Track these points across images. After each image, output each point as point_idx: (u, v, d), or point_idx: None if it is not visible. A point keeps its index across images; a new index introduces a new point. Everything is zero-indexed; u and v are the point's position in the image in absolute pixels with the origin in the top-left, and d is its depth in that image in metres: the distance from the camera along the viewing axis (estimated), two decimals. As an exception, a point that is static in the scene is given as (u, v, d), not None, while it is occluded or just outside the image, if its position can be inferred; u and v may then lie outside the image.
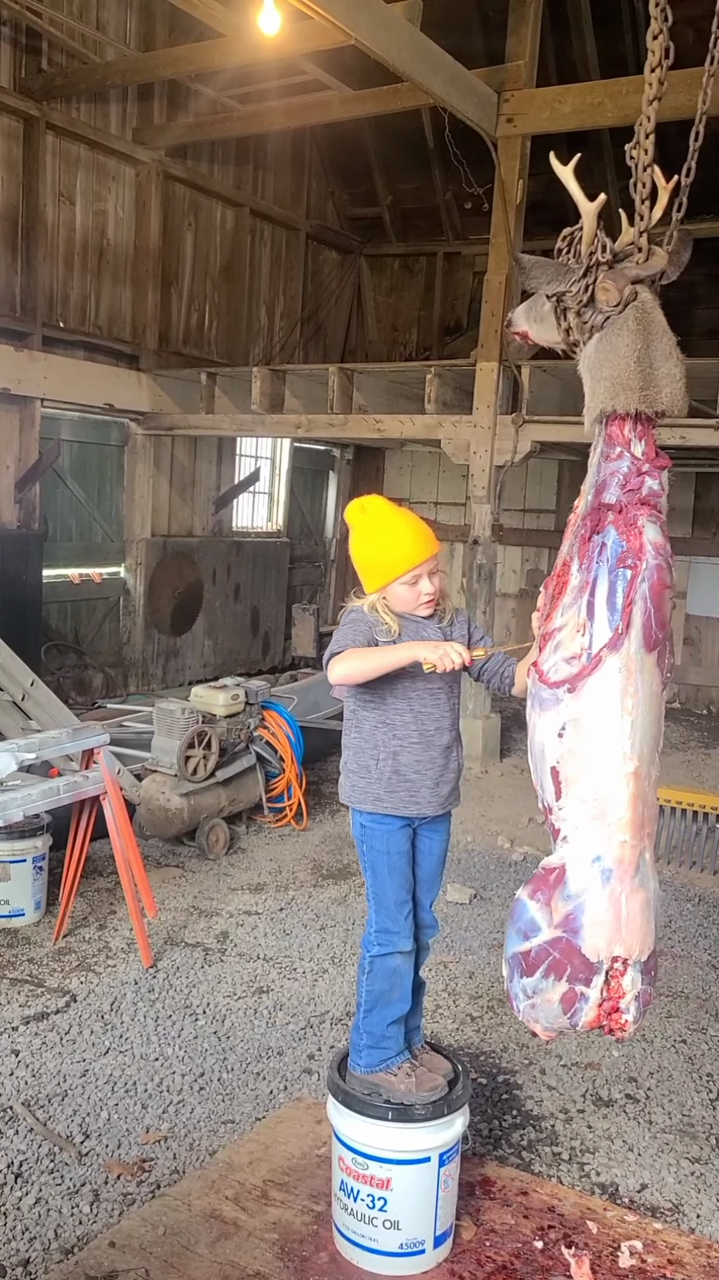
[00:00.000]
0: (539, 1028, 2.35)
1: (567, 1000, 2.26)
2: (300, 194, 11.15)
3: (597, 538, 2.27)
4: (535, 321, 2.52)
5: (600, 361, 2.27)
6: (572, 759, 2.27)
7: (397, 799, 2.62)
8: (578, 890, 2.25)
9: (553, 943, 2.26)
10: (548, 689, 2.30)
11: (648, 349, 2.23)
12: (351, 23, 5.70)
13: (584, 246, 2.29)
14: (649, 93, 2.23)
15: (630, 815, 2.24)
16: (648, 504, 2.27)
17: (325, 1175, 2.80)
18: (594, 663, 2.22)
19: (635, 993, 2.28)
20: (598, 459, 2.32)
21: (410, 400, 8.59)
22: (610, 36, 9.20)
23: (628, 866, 2.25)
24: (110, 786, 4.30)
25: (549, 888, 2.29)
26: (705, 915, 5.12)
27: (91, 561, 9.13)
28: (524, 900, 2.34)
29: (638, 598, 2.20)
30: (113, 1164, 3.02)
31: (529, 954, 2.29)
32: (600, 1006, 2.27)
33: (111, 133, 8.69)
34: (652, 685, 2.24)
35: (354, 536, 2.65)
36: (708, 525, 10.52)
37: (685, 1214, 2.96)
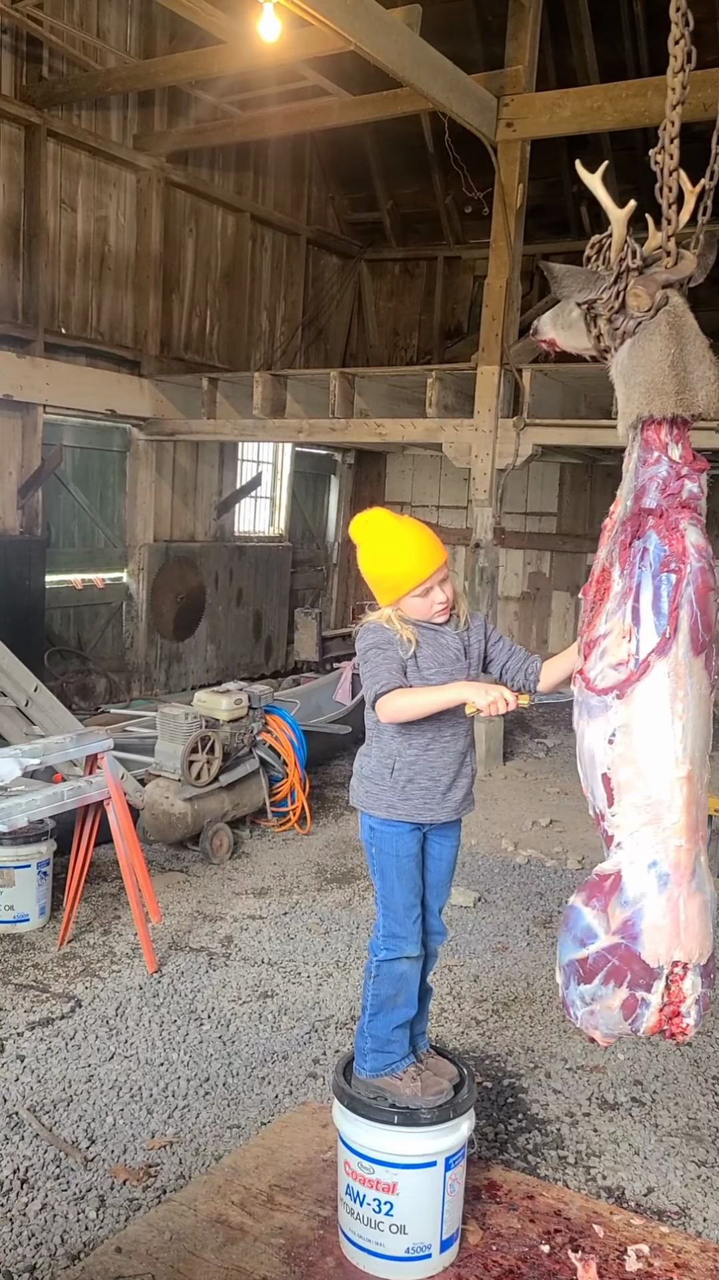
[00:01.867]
0: (599, 1034, 2.34)
1: (627, 1006, 2.25)
2: (301, 199, 11.18)
3: (638, 543, 2.26)
4: (563, 329, 2.52)
5: (634, 367, 2.28)
6: (623, 765, 2.27)
7: (410, 806, 2.63)
8: (635, 896, 2.25)
9: (611, 949, 2.26)
10: (596, 696, 2.30)
11: (681, 353, 2.23)
12: (351, 28, 5.71)
13: (614, 253, 2.29)
14: (673, 97, 2.24)
15: (685, 819, 2.24)
16: (689, 507, 2.27)
17: (331, 1180, 2.80)
18: (642, 668, 2.22)
19: (696, 996, 2.28)
20: (635, 464, 2.31)
21: (411, 404, 8.60)
22: (609, 41, 9.22)
23: (684, 870, 2.24)
24: (114, 791, 4.31)
25: (605, 894, 2.28)
26: (710, 918, 5.11)
27: (94, 567, 9.14)
28: (579, 907, 2.33)
29: (683, 601, 2.21)
30: (119, 1169, 3.02)
31: (587, 961, 2.28)
32: (661, 1011, 2.27)
33: (112, 139, 8.72)
34: (700, 688, 2.24)
35: (362, 553, 2.66)
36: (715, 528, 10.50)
37: (692, 1217, 2.95)
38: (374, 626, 2.63)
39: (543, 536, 11.33)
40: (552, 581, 11.43)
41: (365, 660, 2.60)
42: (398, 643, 2.59)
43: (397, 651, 2.58)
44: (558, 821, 6.58)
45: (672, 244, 2.26)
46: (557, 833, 6.41)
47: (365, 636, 2.63)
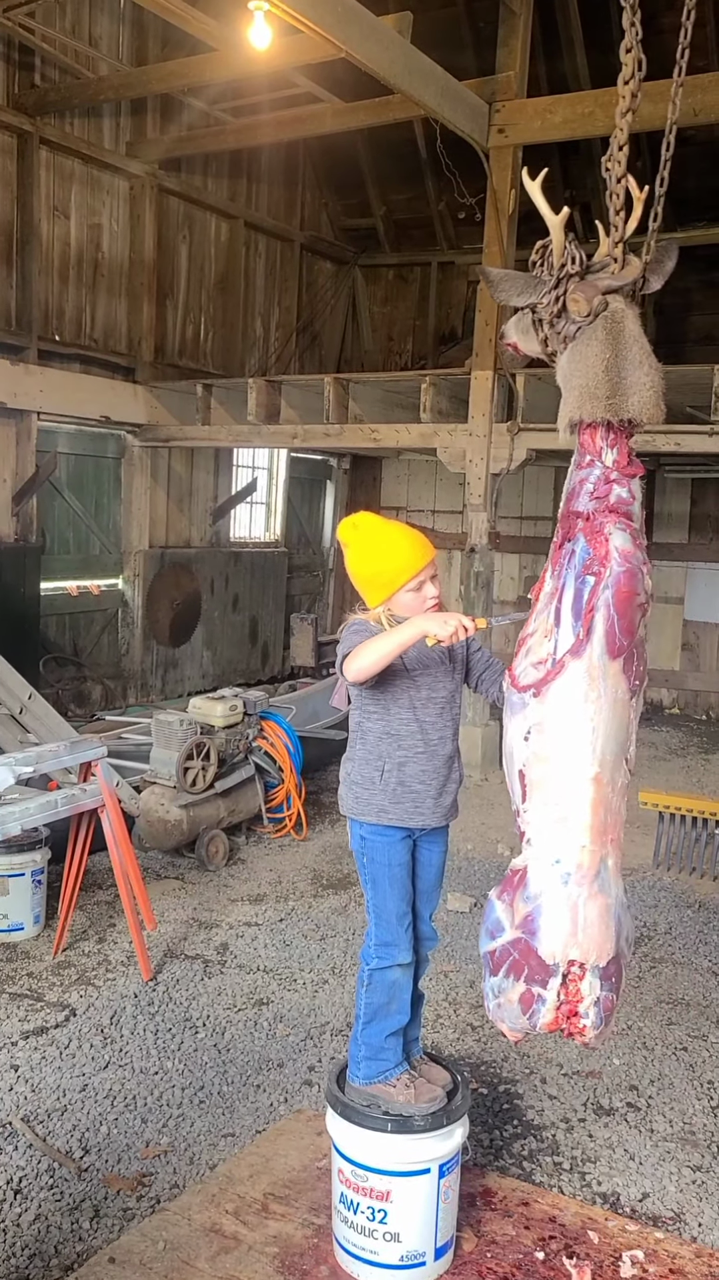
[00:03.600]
0: (505, 1027, 2.40)
1: (524, 1001, 2.29)
2: (294, 205, 11.19)
3: (568, 545, 2.30)
4: (522, 333, 2.55)
5: (571, 371, 2.31)
6: (536, 763, 2.30)
7: (401, 810, 2.62)
8: (537, 892, 2.28)
9: (513, 943, 2.30)
10: (517, 692, 2.34)
11: (617, 358, 2.25)
12: (342, 36, 5.73)
13: (555, 259, 2.32)
14: (622, 105, 2.26)
15: (592, 820, 2.26)
16: (616, 511, 2.29)
17: (326, 1188, 2.79)
18: (558, 668, 2.26)
19: (594, 998, 2.29)
20: (571, 467, 2.35)
21: (406, 409, 8.61)
22: (600, 48, 9.23)
23: (588, 871, 2.27)
24: (108, 799, 4.31)
25: (513, 889, 2.33)
26: (706, 922, 5.12)
27: (89, 574, 9.14)
28: (493, 900, 2.39)
29: (600, 604, 2.22)
30: (112, 1179, 3.02)
31: (494, 953, 2.34)
32: (558, 1009, 2.29)
33: (105, 147, 8.73)
34: (616, 692, 2.26)
35: (351, 554, 2.64)
36: (704, 531, 10.53)
37: (687, 1223, 2.95)
38: (359, 622, 2.63)
39: (538, 540, 11.32)
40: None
41: (343, 643, 2.59)
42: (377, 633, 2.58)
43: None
44: (554, 826, 6.58)
45: (618, 250, 2.27)
46: (553, 837, 6.40)
47: (352, 626, 2.63)
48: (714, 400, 6.69)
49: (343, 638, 2.63)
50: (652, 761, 8.45)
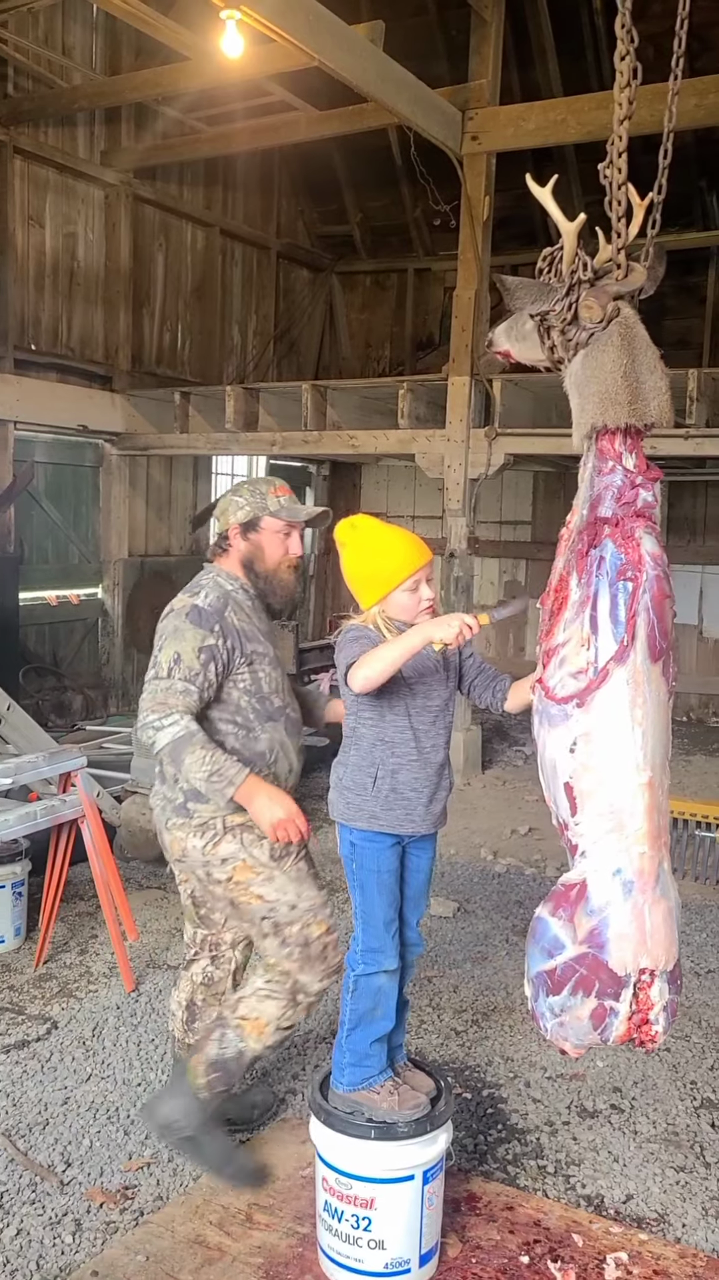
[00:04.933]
0: (569, 1045, 2.33)
1: (596, 1016, 2.25)
2: (270, 213, 11.21)
3: (594, 552, 2.28)
4: (517, 340, 2.55)
5: (588, 378, 2.30)
6: (585, 773, 2.27)
7: (393, 817, 2.62)
8: (601, 905, 2.25)
9: (579, 959, 2.25)
10: (556, 705, 2.30)
11: (633, 363, 2.26)
12: (314, 45, 5.74)
13: (565, 266, 2.32)
14: (619, 113, 2.27)
15: (648, 826, 2.24)
16: (643, 516, 2.29)
17: (310, 1196, 2.78)
18: (601, 676, 2.23)
19: (664, 1003, 2.28)
20: (590, 474, 2.33)
21: (384, 415, 8.63)
22: (572, 56, 9.31)
23: (649, 877, 2.25)
24: (88, 810, 4.29)
25: (571, 904, 2.28)
26: (688, 922, 5.14)
27: (68, 583, 9.11)
28: (545, 918, 2.33)
29: (640, 609, 2.22)
30: (95, 1192, 3.00)
31: (555, 972, 2.28)
32: (630, 1020, 2.27)
33: (79, 156, 8.72)
34: (659, 695, 2.25)
35: (348, 553, 2.64)
36: (682, 533, 10.60)
37: (671, 1223, 2.96)
38: (355, 627, 2.62)
39: (518, 545, 11.37)
40: (528, 589, 11.47)
41: (341, 650, 2.58)
42: (377, 641, 2.57)
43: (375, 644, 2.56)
44: (537, 829, 6.59)
45: (622, 256, 2.29)
46: (536, 840, 6.42)
47: (345, 635, 2.62)
48: (690, 404, 6.74)
49: (341, 646, 2.62)
50: (633, 763, 8.48)
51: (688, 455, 7.24)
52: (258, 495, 3.09)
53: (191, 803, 2.92)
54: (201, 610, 2.91)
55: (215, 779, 2.76)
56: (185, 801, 2.93)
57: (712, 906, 5.35)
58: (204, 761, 2.76)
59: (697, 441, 6.88)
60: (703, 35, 9.02)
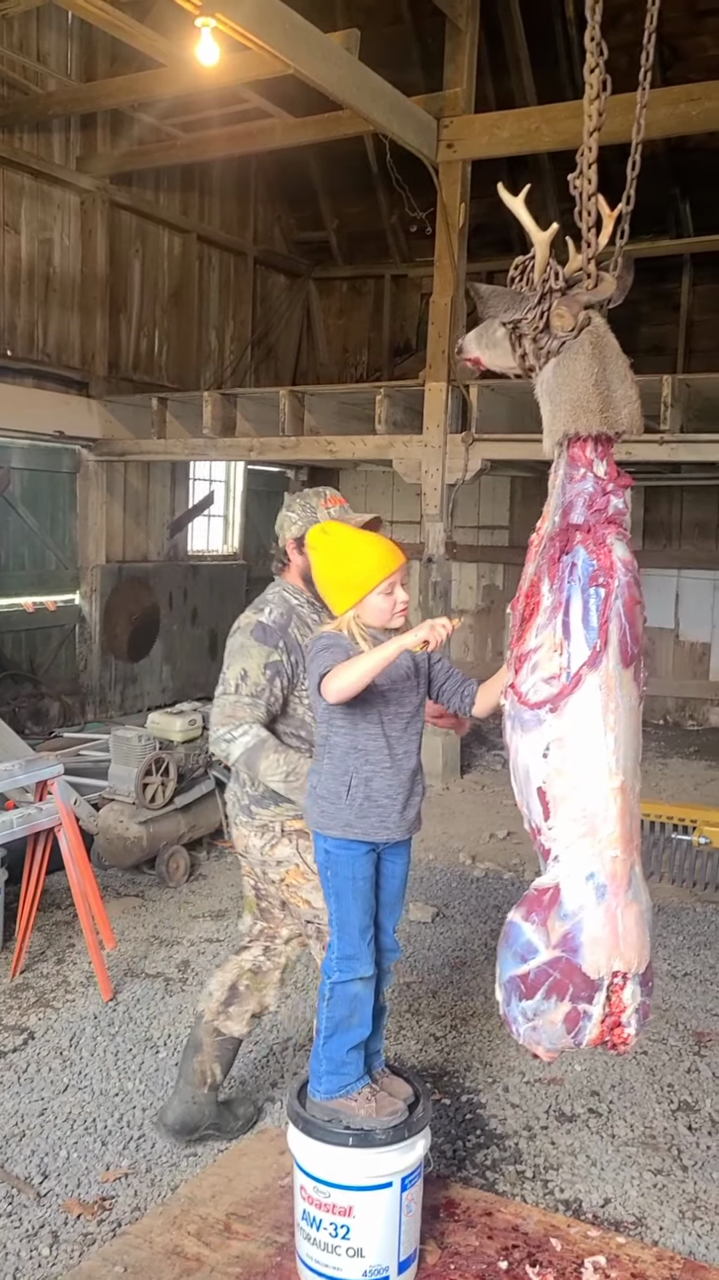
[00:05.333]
0: (541, 1049, 2.35)
1: (570, 1020, 2.27)
2: (247, 219, 11.22)
3: (566, 558, 2.30)
4: (488, 347, 2.57)
5: (559, 386, 2.32)
6: (558, 778, 2.29)
7: (367, 824, 2.62)
8: (574, 909, 2.27)
9: (552, 963, 2.27)
10: (529, 710, 2.32)
11: (604, 372, 2.29)
12: (290, 53, 5.76)
13: (538, 275, 2.34)
14: (589, 124, 2.30)
15: (620, 830, 2.27)
16: (614, 522, 2.32)
17: (288, 1206, 2.78)
18: (575, 681, 2.25)
19: (636, 1005, 2.31)
20: (561, 481, 2.36)
21: (362, 421, 8.64)
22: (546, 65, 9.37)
23: (621, 881, 2.28)
24: (65, 818, 4.27)
25: (544, 908, 2.30)
26: (664, 925, 5.17)
27: (46, 589, 9.06)
28: (518, 923, 2.34)
29: (613, 615, 2.25)
30: (72, 1204, 2.98)
31: (528, 976, 2.29)
32: (603, 1022, 2.29)
33: (55, 162, 8.70)
34: (630, 700, 2.28)
35: (320, 558, 2.63)
36: (658, 538, 10.67)
37: (648, 1226, 2.97)
38: (327, 635, 2.62)
39: (495, 549, 11.41)
40: (505, 594, 11.51)
41: (314, 658, 2.58)
42: (351, 649, 2.57)
43: (347, 654, 2.56)
44: (515, 833, 6.61)
45: (592, 266, 2.31)
46: (514, 845, 6.44)
47: (317, 643, 2.62)
48: (664, 409, 6.79)
49: (313, 654, 2.61)
50: (610, 767, 8.52)
51: (663, 460, 7.30)
52: (309, 509, 3.13)
53: (255, 806, 3.08)
54: (266, 627, 3.05)
55: (292, 778, 2.90)
56: (250, 804, 3.09)
57: (688, 909, 5.38)
58: (278, 764, 2.91)
59: (671, 447, 6.94)
60: (675, 45, 9.13)
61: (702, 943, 4.97)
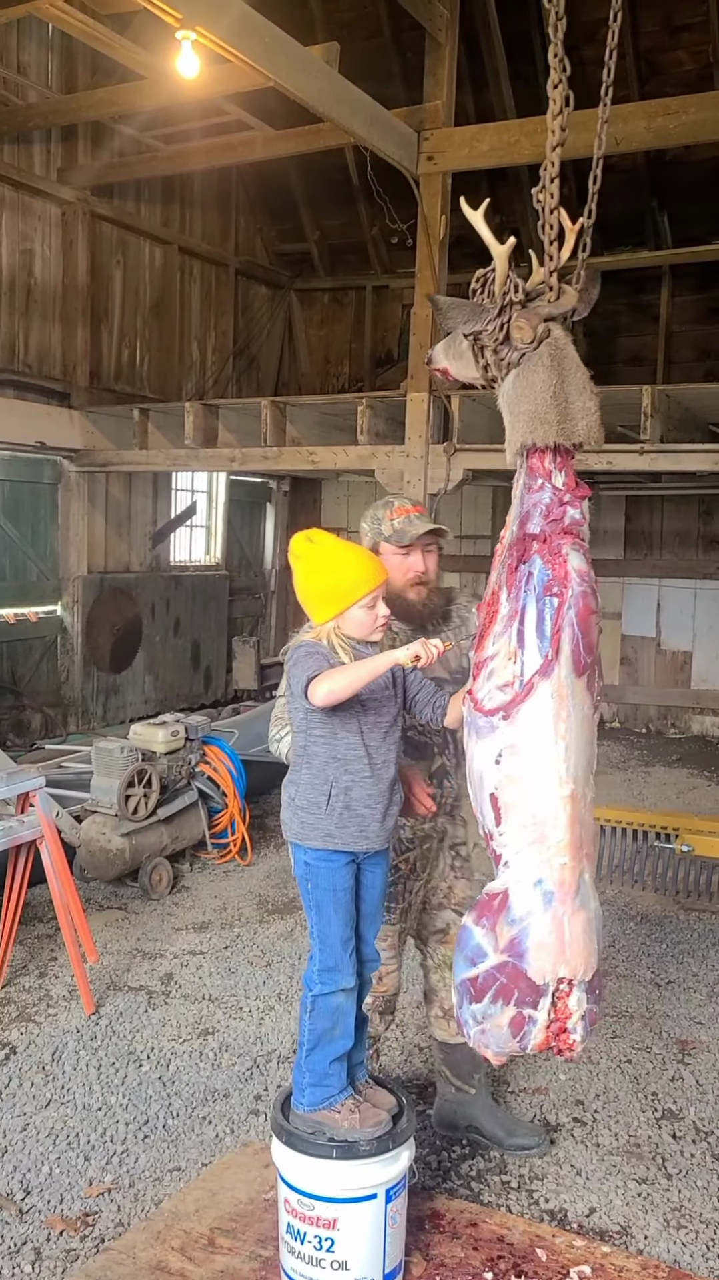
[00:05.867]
0: (490, 1053, 2.37)
1: (515, 1024, 2.28)
2: (228, 231, 11.24)
3: (523, 567, 2.32)
4: (454, 358, 2.59)
5: (518, 397, 2.35)
6: (509, 785, 2.30)
7: (348, 834, 2.61)
8: (522, 914, 2.28)
9: (499, 967, 2.28)
10: (483, 716, 2.34)
11: (563, 384, 2.31)
12: (270, 66, 5.78)
13: (497, 287, 2.36)
14: (552, 139, 2.32)
15: (569, 837, 2.28)
16: (570, 533, 2.34)
17: (273, 1219, 2.77)
18: (527, 689, 2.27)
19: (582, 1012, 2.31)
20: (520, 491, 2.39)
21: (344, 431, 8.65)
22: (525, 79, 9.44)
23: (569, 888, 2.29)
24: (47, 830, 4.25)
25: (493, 913, 2.32)
26: (648, 934, 5.18)
27: (27, 600, 9.02)
28: (470, 926, 2.36)
29: (565, 624, 2.27)
30: (55, 1220, 2.96)
31: (477, 980, 2.31)
32: (548, 1028, 2.30)
33: (36, 173, 8.69)
34: (583, 709, 2.30)
35: (305, 566, 2.61)
36: (639, 547, 10.73)
37: (633, 1235, 2.97)
38: (307, 644, 2.62)
39: (478, 559, 11.42)
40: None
41: (296, 664, 2.58)
42: (331, 658, 2.57)
43: (327, 663, 2.57)
44: (498, 843, 6.62)
45: (554, 279, 2.34)
46: (497, 854, 6.44)
47: (297, 650, 2.61)
48: (644, 420, 6.83)
49: (295, 660, 2.60)
50: (593, 776, 8.54)
51: (643, 470, 7.35)
52: (375, 521, 3.14)
53: None
54: None
55: None
56: None
57: (671, 917, 5.40)
58: None
59: (651, 457, 6.98)
60: (653, 60, 9.23)
61: (685, 950, 4.98)
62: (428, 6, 7.30)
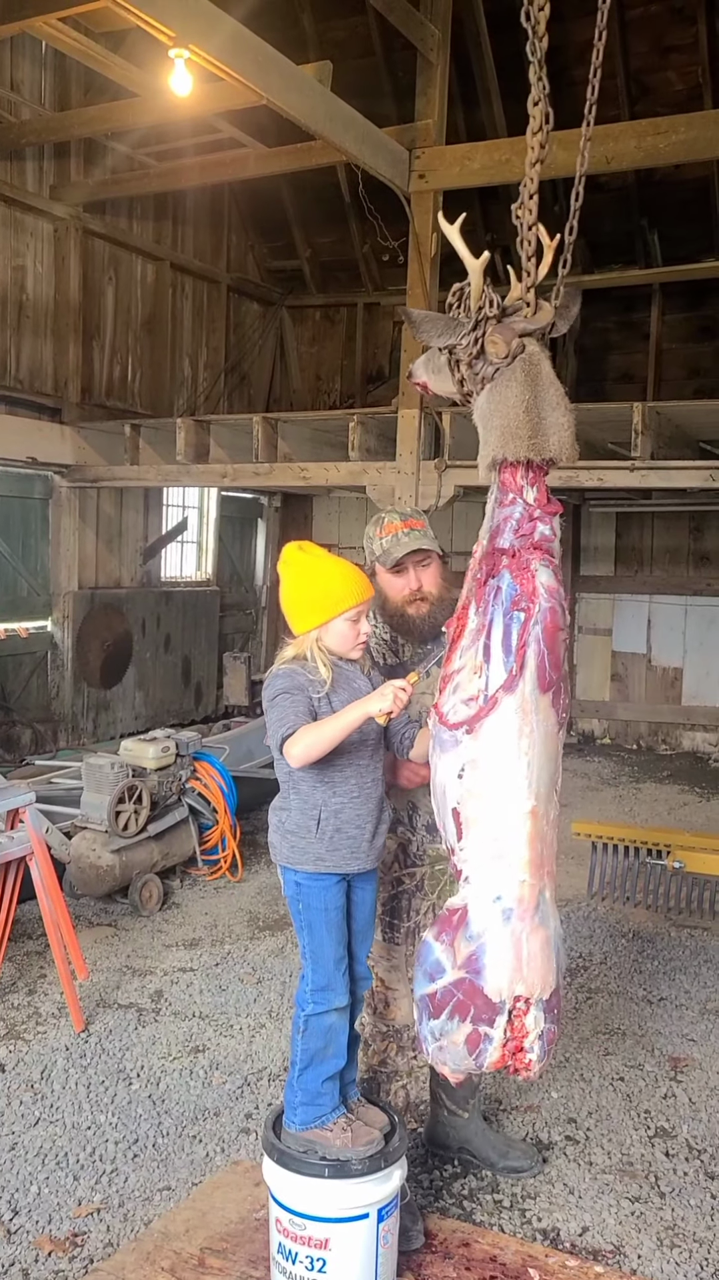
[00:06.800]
0: (448, 1070, 2.37)
1: (471, 1041, 2.27)
2: (220, 247, 11.29)
3: (492, 581, 2.33)
4: (433, 373, 2.60)
5: (491, 411, 2.36)
6: (471, 800, 2.30)
7: (338, 857, 2.60)
8: (479, 930, 2.27)
9: (457, 984, 2.27)
10: (447, 730, 2.33)
11: (536, 399, 2.32)
12: (262, 84, 5.82)
13: (473, 302, 2.38)
14: (531, 156, 2.34)
15: (529, 854, 2.27)
16: (540, 548, 2.34)
17: (264, 1239, 2.74)
18: (491, 704, 2.26)
19: (539, 1031, 2.29)
20: (492, 505, 2.39)
21: (335, 448, 8.68)
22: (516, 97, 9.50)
23: (528, 906, 2.28)
24: (37, 847, 4.22)
25: (453, 928, 2.31)
26: (640, 951, 5.17)
27: (17, 616, 9.00)
28: (430, 942, 2.36)
29: (531, 640, 2.26)
30: (43, 1240, 2.92)
31: (435, 996, 2.31)
32: (504, 1046, 2.28)
33: (28, 190, 8.72)
34: (547, 725, 2.29)
35: (294, 573, 2.61)
36: (629, 563, 10.76)
37: (627, 1255, 2.95)
38: (283, 672, 2.61)
39: (469, 575, 11.46)
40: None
41: (273, 706, 2.57)
42: (308, 687, 2.57)
43: (306, 695, 2.56)
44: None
45: (531, 295, 2.35)
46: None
47: (274, 683, 2.60)
48: (635, 437, 6.87)
49: (270, 694, 2.58)
50: (584, 791, 8.55)
51: (634, 487, 7.38)
52: (369, 540, 3.08)
53: None
54: None
55: None
56: None
57: (663, 934, 5.39)
58: None
59: (642, 474, 7.01)
60: (643, 80, 9.32)
61: (677, 967, 4.97)
62: (420, 26, 7.37)
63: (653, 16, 8.94)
